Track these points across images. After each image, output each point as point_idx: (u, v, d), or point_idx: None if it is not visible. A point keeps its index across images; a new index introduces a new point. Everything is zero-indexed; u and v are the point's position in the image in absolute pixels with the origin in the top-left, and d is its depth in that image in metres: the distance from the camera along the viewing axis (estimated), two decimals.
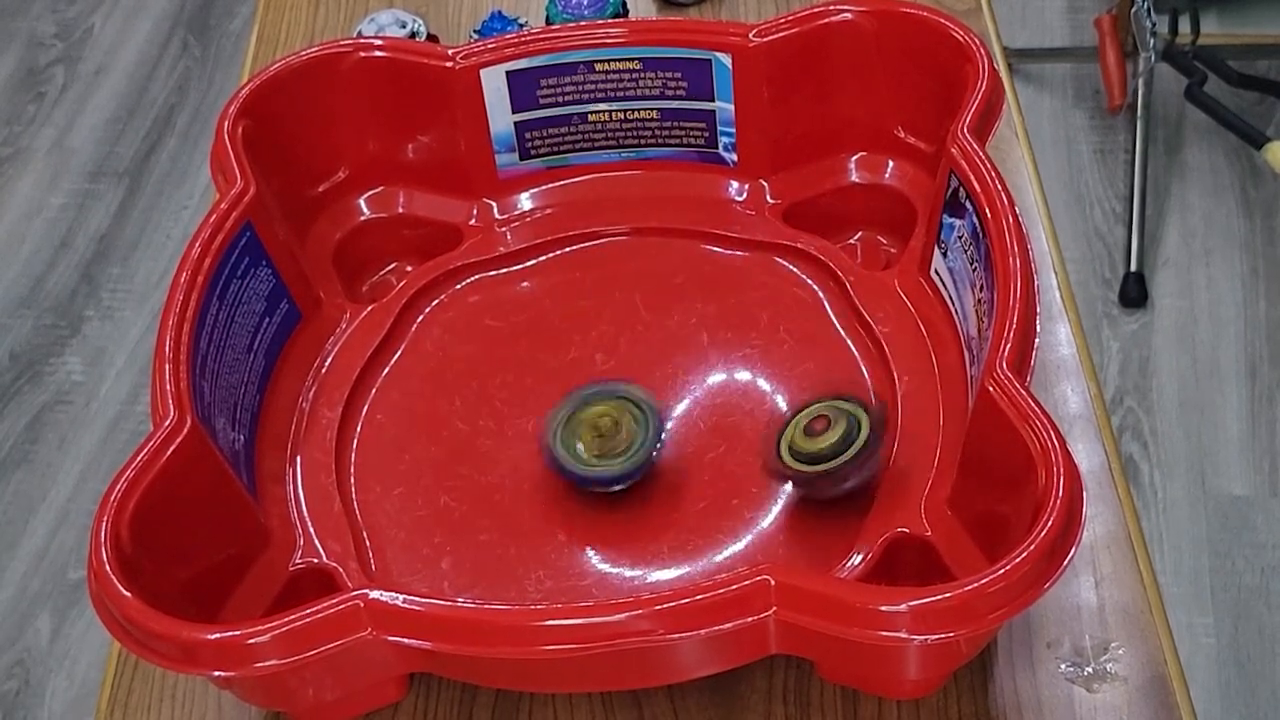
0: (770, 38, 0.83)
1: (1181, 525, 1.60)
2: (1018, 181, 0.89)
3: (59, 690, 1.57)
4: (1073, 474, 0.61)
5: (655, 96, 0.86)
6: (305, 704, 0.67)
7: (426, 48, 0.86)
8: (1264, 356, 1.75)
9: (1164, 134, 2.00)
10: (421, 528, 0.75)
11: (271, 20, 1.07)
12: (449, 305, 0.85)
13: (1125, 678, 0.68)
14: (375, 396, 0.81)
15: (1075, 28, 2.16)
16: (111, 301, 1.95)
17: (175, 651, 0.60)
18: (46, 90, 2.25)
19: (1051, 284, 0.84)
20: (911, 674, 0.67)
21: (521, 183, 0.89)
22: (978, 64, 0.78)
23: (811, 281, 0.84)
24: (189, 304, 0.72)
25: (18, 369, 1.88)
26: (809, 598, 0.59)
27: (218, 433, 0.71)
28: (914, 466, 0.72)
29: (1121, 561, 0.72)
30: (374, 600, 0.60)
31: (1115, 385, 1.73)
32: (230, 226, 0.76)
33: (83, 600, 1.62)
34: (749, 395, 0.79)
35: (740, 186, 0.88)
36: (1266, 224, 1.89)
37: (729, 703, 0.69)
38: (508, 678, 0.69)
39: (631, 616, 0.59)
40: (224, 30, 2.32)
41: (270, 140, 0.82)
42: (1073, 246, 1.88)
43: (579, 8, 0.98)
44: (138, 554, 0.63)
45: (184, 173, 2.11)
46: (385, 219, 0.88)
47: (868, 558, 0.69)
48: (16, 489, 1.75)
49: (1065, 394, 0.79)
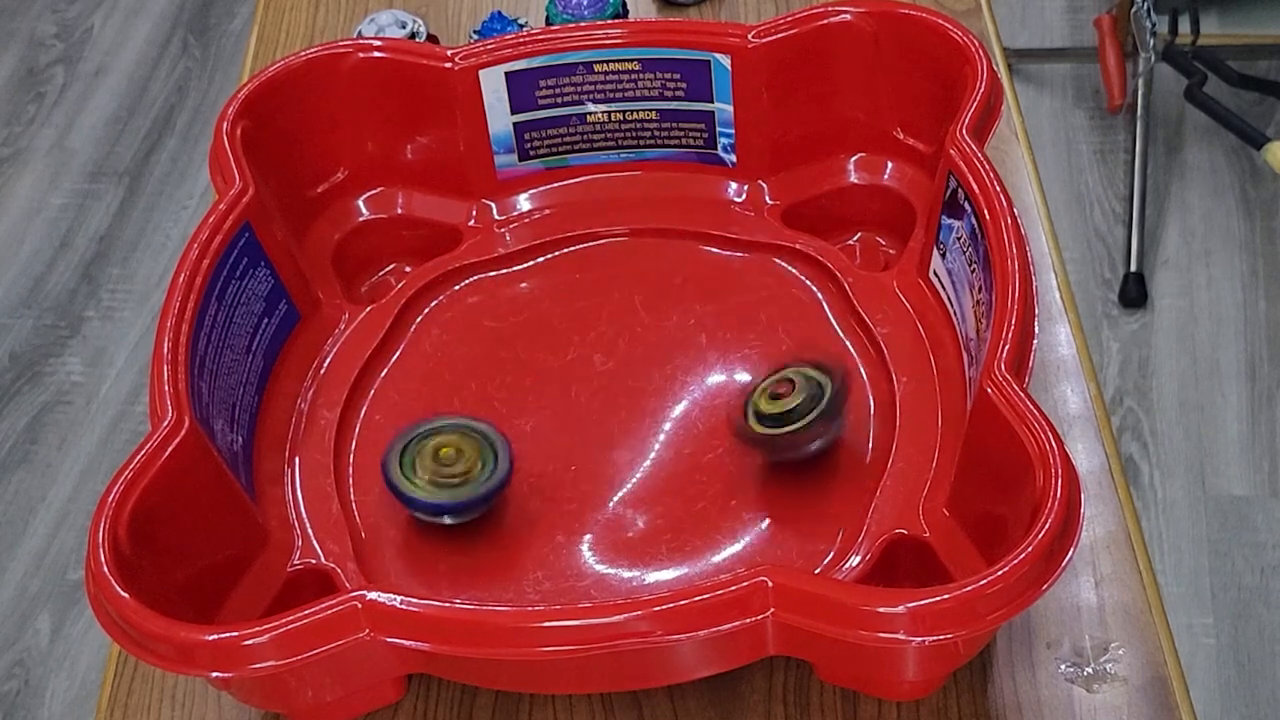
0: (769, 39, 0.83)
1: (1181, 525, 1.60)
2: (1017, 181, 0.89)
3: (59, 690, 1.57)
4: (1071, 475, 0.61)
5: (654, 97, 0.86)
6: (304, 705, 0.67)
7: (426, 48, 0.86)
8: (1264, 356, 1.75)
9: (1164, 134, 2.00)
10: (419, 528, 0.75)
11: (271, 20, 1.07)
12: (448, 306, 0.85)
13: (1125, 678, 0.68)
14: (374, 397, 0.81)
15: (1075, 28, 2.16)
16: (111, 301, 1.95)
17: (173, 652, 0.60)
18: (46, 90, 2.25)
19: (1051, 284, 0.84)
20: (910, 675, 0.67)
21: (520, 184, 0.89)
22: (977, 65, 0.78)
23: (810, 282, 0.84)
24: (187, 305, 0.72)
25: (18, 369, 1.88)
26: (807, 599, 0.59)
27: (216, 433, 0.71)
28: (912, 468, 0.72)
29: (1121, 561, 0.72)
30: (372, 601, 0.60)
31: (1115, 385, 1.73)
32: (229, 227, 0.76)
33: (83, 601, 1.62)
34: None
35: (739, 187, 0.88)
36: (1266, 224, 1.89)
37: (729, 703, 0.69)
38: (507, 679, 0.69)
39: (629, 618, 0.59)
40: (224, 30, 2.32)
41: (269, 141, 0.82)
42: (1073, 246, 1.88)
43: (579, 8, 0.98)
44: (136, 555, 0.63)
45: (184, 173, 2.11)
46: (384, 220, 0.88)
47: (866, 559, 0.69)
48: (16, 489, 1.75)
49: (1065, 394, 0.79)
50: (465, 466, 0.72)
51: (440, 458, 0.72)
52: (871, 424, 0.76)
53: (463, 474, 0.72)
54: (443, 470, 0.72)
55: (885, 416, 0.76)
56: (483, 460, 0.73)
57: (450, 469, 0.72)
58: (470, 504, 0.72)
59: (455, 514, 0.73)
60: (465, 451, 0.73)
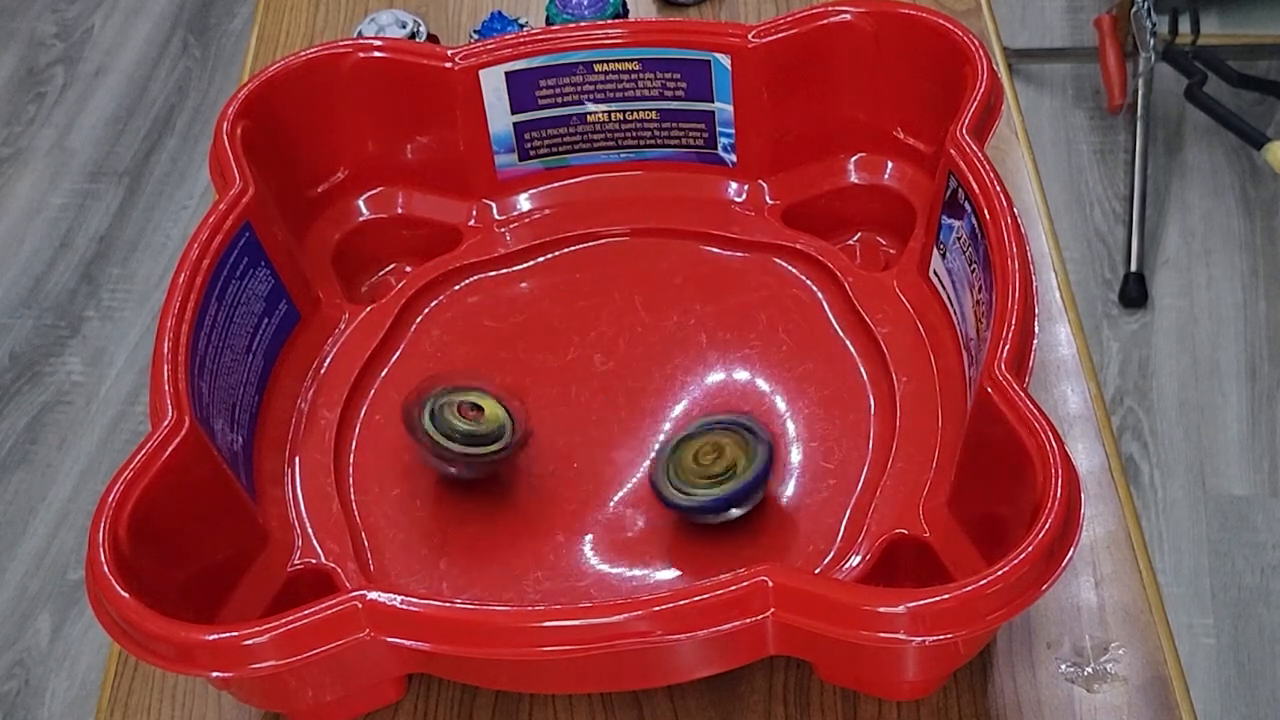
0: (769, 39, 0.83)
1: (1181, 525, 1.60)
2: (1017, 181, 0.89)
3: (59, 690, 1.57)
4: (1071, 475, 0.61)
5: (654, 97, 0.86)
6: (304, 705, 0.67)
7: (426, 48, 0.86)
8: (1264, 356, 1.75)
9: (1164, 134, 2.00)
10: (420, 528, 0.75)
11: (271, 20, 1.07)
12: (448, 306, 0.85)
13: (1125, 678, 0.68)
14: (374, 397, 0.81)
15: (1075, 28, 2.16)
16: (111, 301, 1.95)
17: (173, 652, 0.60)
18: (46, 90, 2.25)
19: (1051, 284, 0.84)
20: (910, 675, 0.67)
21: (520, 183, 0.89)
22: (977, 65, 0.78)
23: (810, 282, 0.84)
24: (188, 305, 0.72)
25: (18, 369, 1.88)
26: (807, 599, 0.59)
27: (216, 433, 0.71)
28: (912, 468, 0.72)
29: (1121, 561, 0.72)
30: (372, 601, 0.60)
31: (1115, 385, 1.73)
32: (229, 227, 0.76)
33: (83, 600, 1.62)
34: (748, 396, 0.79)
35: (739, 187, 0.88)
36: (1266, 224, 1.89)
37: (729, 703, 0.69)
38: (507, 678, 0.69)
39: (629, 618, 0.59)
40: (224, 30, 2.32)
41: (269, 141, 0.82)
42: (1073, 246, 1.88)
43: (579, 8, 0.98)
44: (136, 554, 0.63)
45: (184, 173, 2.11)
46: (384, 219, 0.88)
47: (866, 559, 0.69)
48: (16, 489, 1.75)
49: (1065, 394, 0.79)
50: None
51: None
52: (871, 424, 0.76)
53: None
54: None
55: (885, 416, 0.76)
56: (741, 449, 0.72)
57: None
58: (743, 492, 0.71)
59: (731, 506, 0.71)
60: (725, 447, 0.72)
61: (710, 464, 0.71)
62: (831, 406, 0.78)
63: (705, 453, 0.71)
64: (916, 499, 0.71)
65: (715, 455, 0.71)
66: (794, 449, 0.76)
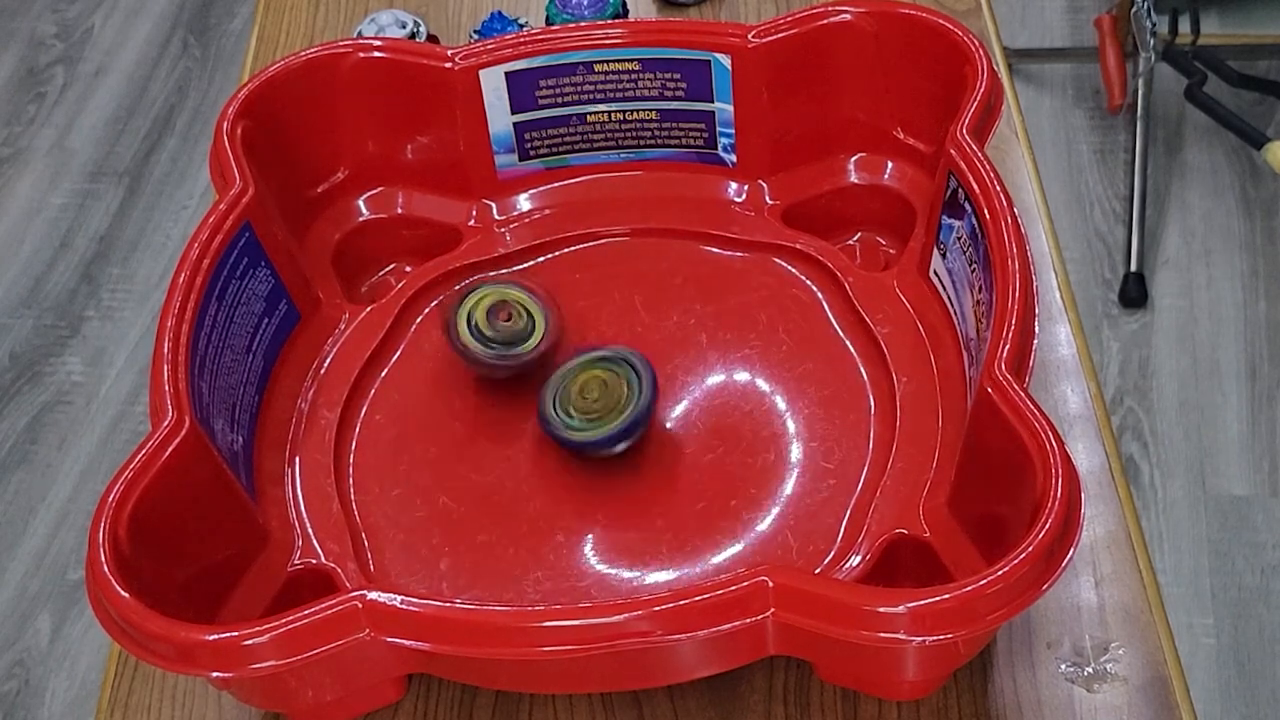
0: (769, 39, 0.83)
1: (1181, 525, 1.60)
2: (1017, 181, 0.89)
3: (59, 690, 1.57)
4: (1071, 475, 0.61)
5: (654, 97, 0.86)
6: (304, 704, 0.67)
7: (426, 48, 0.86)
8: (1264, 356, 1.75)
9: (1164, 134, 2.00)
10: (420, 528, 0.75)
11: (271, 20, 1.07)
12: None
13: (1125, 678, 0.68)
14: (374, 397, 0.81)
15: (1075, 28, 2.17)
16: (111, 301, 1.95)
17: (173, 652, 0.60)
18: (46, 90, 2.25)
19: (1051, 284, 0.84)
20: (910, 675, 0.67)
21: (521, 183, 0.89)
22: (977, 65, 0.78)
23: (810, 282, 0.84)
24: (188, 305, 0.72)
25: (18, 369, 1.88)
26: (807, 599, 0.59)
27: (216, 433, 0.71)
28: (912, 468, 0.72)
29: (1121, 561, 0.72)
30: (372, 601, 0.60)
31: (1115, 385, 1.73)
32: (229, 227, 0.76)
33: (83, 600, 1.62)
34: (748, 396, 0.79)
35: (739, 187, 0.88)
36: (1266, 224, 1.89)
37: (729, 703, 0.69)
38: (507, 678, 0.69)
39: (630, 618, 0.59)
40: (224, 30, 2.33)
41: (269, 141, 0.82)
42: (1073, 246, 1.88)
43: (579, 8, 0.98)
44: (136, 554, 0.63)
45: (184, 173, 2.11)
46: (384, 219, 0.88)
47: (866, 559, 0.69)
48: (16, 489, 1.75)
49: (1065, 394, 0.79)
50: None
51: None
52: (872, 424, 0.76)
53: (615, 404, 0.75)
54: (593, 407, 0.75)
55: (885, 416, 0.76)
56: (629, 385, 0.75)
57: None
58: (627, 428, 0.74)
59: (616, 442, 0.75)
60: (609, 382, 0.75)
61: (595, 399, 0.75)
62: (831, 406, 0.78)
63: (591, 387, 0.75)
64: (916, 499, 0.71)
65: (601, 389, 0.75)
66: (794, 449, 0.76)
